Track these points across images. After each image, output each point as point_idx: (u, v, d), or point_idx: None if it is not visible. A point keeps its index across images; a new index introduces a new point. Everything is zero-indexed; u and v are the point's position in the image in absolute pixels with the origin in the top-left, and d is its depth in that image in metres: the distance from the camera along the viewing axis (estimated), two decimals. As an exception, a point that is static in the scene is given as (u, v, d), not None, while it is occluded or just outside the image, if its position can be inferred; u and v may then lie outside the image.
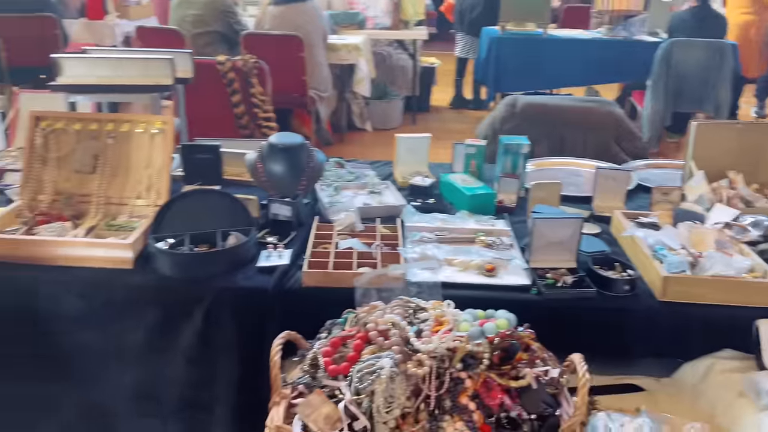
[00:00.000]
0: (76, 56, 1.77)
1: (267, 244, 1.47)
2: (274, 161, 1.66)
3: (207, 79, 3.15)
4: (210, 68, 3.41)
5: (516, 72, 5.54)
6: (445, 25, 7.64)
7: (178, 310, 1.34)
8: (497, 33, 5.51)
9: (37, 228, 1.44)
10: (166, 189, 1.55)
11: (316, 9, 5.07)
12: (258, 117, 3.40)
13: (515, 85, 5.62)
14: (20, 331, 1.37)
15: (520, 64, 5.49)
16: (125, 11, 6.45)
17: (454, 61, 6.95)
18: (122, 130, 1.58)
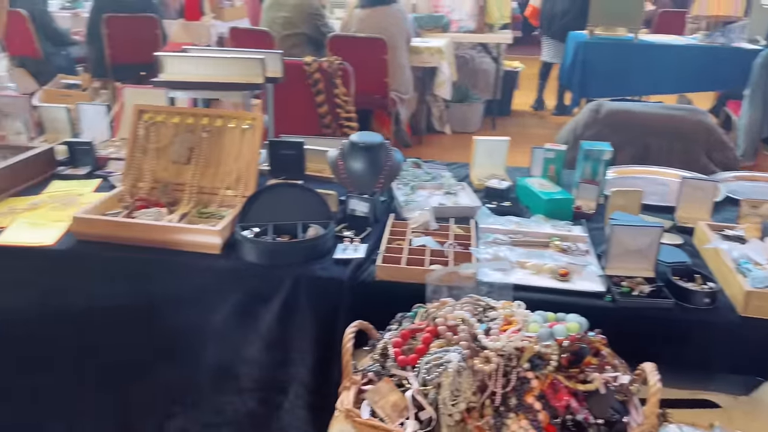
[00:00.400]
0: (177, 55, 1.90)
1: (344, 237, 1.53)
2: (354, 159, 1.72)
3: (294, 79, 3.28)
4: (297, 68, 3.54)
5: (603, 77, 5.40)
6: (529, 29, 7.54)
7: (259, 294, 1.42)
8: (585, 37, 5.38)
9: (136, 212, 1.56)
10: (253, 181, 1.64)
11: (401, 12, 5.14)
12: (340, 117, 3.49)
13: (601, 91, 5.47)
14: (114, 303, 1.49)
15: (608, 70, 5.34)
16: (220, 12, 6.77)
17: (538, 65, 6.83)
18: (216, 125, 1.68)
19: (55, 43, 5.94)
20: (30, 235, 1.50)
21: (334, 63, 3.47)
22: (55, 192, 1.77)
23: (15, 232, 1.52)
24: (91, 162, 1.94)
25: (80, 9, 6.90)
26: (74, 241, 1.50)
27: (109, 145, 2.11)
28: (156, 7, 5.83)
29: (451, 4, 6.20)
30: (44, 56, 5.84)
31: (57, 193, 1.76)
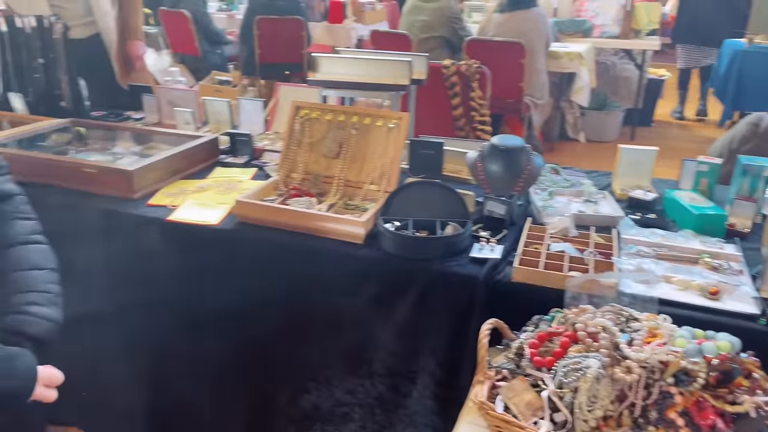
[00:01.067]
0: (330, 56, 2.02)
1: (480, 237, 1.56)
2: (493, 161, 1.75)
3: (431, 81, 3.34)
4: (435, 71, 3.61)
5: (760, 90, 4.97)
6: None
7: (396, 285, 1.49)
8: (742, 46, 4.99)
9: (290, 200, 1.69)
10: (395, 178, 1.72)
11: (541, 16, 5.06)
12: (474, 120, 3.51)
13: (758, 105, 5.05)
14: (264, 282, 1.62)
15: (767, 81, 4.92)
16: (361, 16, 7.02)
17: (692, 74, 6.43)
18: (364, 123, 1.78)
19: (212, 42, 6.47)
20: (198, 214, 1.68)
21: (472, 66, 3.50)
22: (219, 177, 1.95)
23: (186, 210, 1.70)
24: (249, 152, 2.12)
25: (234, 11, 7.46)
26: (235, 222, 1.66)
27: (264, 138, 2.29)
28: (303, 10, 6.17)
29: (596, 9, 5.99)
30: (202, 54, 6.38)
31: (220, 178, 1.94)
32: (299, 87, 2.39)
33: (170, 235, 1.68)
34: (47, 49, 2.47)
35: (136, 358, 1.86)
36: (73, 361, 1.32)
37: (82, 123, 2.27)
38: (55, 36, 2.42)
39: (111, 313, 1.83)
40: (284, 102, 2.37)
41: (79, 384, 1.35)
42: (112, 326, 1.85)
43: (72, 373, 1.28)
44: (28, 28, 2.45)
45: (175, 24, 6.24)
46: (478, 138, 3.52)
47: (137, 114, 2.62)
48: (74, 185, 1.82)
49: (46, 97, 2.50)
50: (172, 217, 1.67)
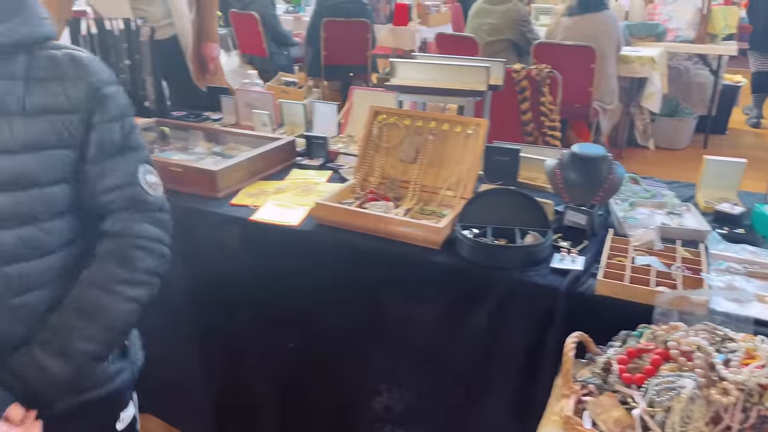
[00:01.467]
0: (407, 61, 2.03)
1: (560, 247, 1.54)
2: (573, 170, 1.72)
3: (501, 86, 3.33)
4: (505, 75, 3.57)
5: None
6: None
7: (474, 292, 1.49)
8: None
9: (367, 204, 1.72)
10: (472, 184, 1.72)
11: (612, 19, 4.94)
12: (544, 125, 3.46)
13: None
14: (341, 284, 1.65)
15: None
16: (425, 18, 7.02)
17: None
18: (442, 129, 1.79)
19: (279, 44, 6.60)
20: (279, 215, 1.73)
21: (543, 71, 3.45)
22: (296, 179, 2.00)
23: (267, 211, 1.75)
24: (324, 155, 2.16)
25: (301, 13, 7.60)
26: (314, 224, 1.69)
27: (338, 141, 2.32)
28: (370, 12, 6.23)
29: (670, 12, 5.80)
30: (269, 55, 6.52)
31: (297, 180, 1.99)
32: (373, 91, 2.41)
33: (251, 235, 1.73)
34: (133, 50, 2.58)
35: (212, 353, 1.93)
36: (151, 353, 1.38)
37: (165, 123, 2.37)
38: (141, 38, 2.53)
39: (190, 308, 1.91)
40: (358, 106, 2.40)
41: (156, 375, 1.42)
42: (191, 321, 1.92)
43: (151, 365, 1.35)
44: (117, 30, 2.57)
45: (245, 25, 6.41)
46: (547, 144, 3.47)
47: (215, 115, 2.71)
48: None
49: (132, 98, 2.60)
50: (254, 217, 1.72)
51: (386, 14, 7.11)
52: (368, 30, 6.08)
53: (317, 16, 6.15)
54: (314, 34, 6.18)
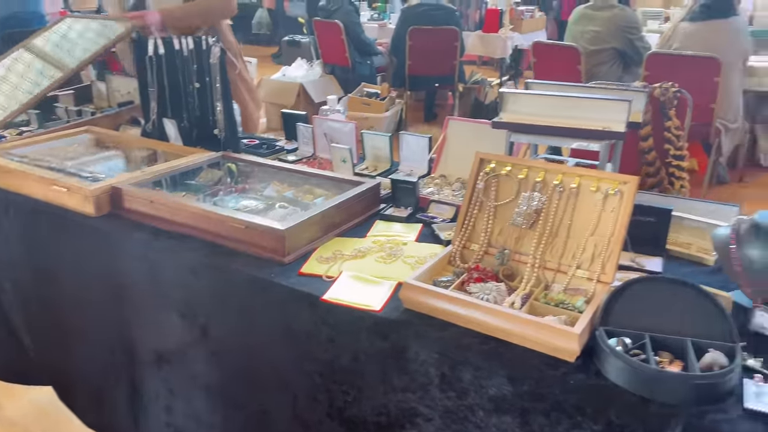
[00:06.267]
0: (522, 92, 1.63)
1: (752, 371, 1.09)
2: (755, 246, 1.26)
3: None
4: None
5: None
6: None
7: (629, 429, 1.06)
8: None
9: (470, 285, 1.32)
10: (614, 263, 1.29)
11: (741, 25, 4.31)
12: (668, 154, 2.95)
13: None
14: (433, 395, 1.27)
15: None
16: (518, 24, 6.55)
17: None
18: (572, 185, 1.37)
19: (362, 53, 6.32)
20: (358, 294, 1.36)
21: (670, 90, 2.92)
22: (379, 236, 1.64)
23: (343, 286, 1.39)
24: (413, 203, 1.79)
25: (386, 20, 7.29)
26: (401, 310, 1.32)
27: (429, 183, 1.94)
28: (458, 19, 5.84)
29: (804, 16, 5.06)
30: (351, 65, 6.25)
31: (380, 237, 1.62)
32: (471, 122, 2.02)
33: (323, 316, 1.37)
34: (203, 72, 2.31)
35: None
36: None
37: (233, 158, 2.07)
38: (212, 61, 2.25)
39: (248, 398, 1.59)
40: (453, 139, 2.01)
41: None
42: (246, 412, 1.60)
43: None
44: (186, 50, 2.30)
45: (328, 34, 6.17)
46: (672, 175, 2.95)
47: (290, 144, 2.40)
48: (219, 239, 1.59)
49: (200, 124, 2.35)
50: (328, 295, 1.37)
51: (476, 21, 6.69)
52: (456, 38, 5.69)
53: (403, 24, 5.82)
54: (399, 42, 5.85)
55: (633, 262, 1.47)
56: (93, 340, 1.94)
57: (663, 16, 6.09)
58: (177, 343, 1.70)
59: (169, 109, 2.32)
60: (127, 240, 1.69)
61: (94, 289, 1.83)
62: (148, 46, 2.23)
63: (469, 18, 6.70)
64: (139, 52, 2.27)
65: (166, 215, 1.69)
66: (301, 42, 7.61)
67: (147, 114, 2.30)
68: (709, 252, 1.51)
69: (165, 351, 1.76)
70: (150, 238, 1.67)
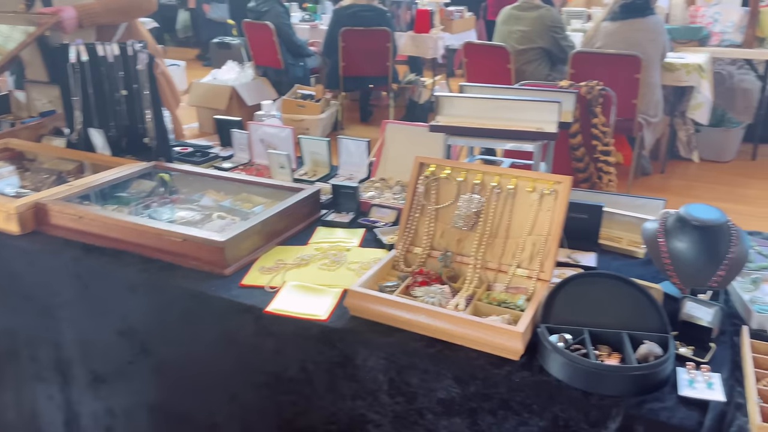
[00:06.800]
0: (456, 95, 1.65)
1: (684, 359, 1.15)
2: (681, 239, 1.33)
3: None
4: (549, 93, 3.17)
5: None
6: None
7: (571, 426, 1.10)
8: None
9: (414, 288, 1.33)
10: (552, 261, 1.33)
11: (658, 24, 4.53)
12: (596, 150, 3.07)
13: None
14: (382, 400, 1.27)
15: None
16: (449, 25, 6.64)
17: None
18: (508, 186, 1.40)
19: (295, 54, 6.26)
20: (303, 303, 1.35)
21: (595, 88, 3.04)
22: (322, 242, 1.63)
23: (287, 297, 1.38)
24: (354, 207, 1.79)
25: (318, 21, 7.24)
26: (347, 318, 1.31)
27: (370, 187, 1.94)
28: (390, 20, 5.86)
29: (714, 15, 5.37)
30: (284, 67, 6.18)
31: (323, 244, 1.61)
32: (408, 125, 2.03)
33: (267, 327, 1.35)
34: (131, 79, 2.23)
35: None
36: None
37: (165, 167, 2.01)
38: (139, 67, 2.18)
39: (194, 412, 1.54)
40: (391, 143, 2.02)
41: None
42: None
43: None
44: (111, 56, 2.21)
45: (259, 36, 6.07)
46: (600, 170, 3.07)
47: (225, 150, 2.35)
48: (156, 254, 1.54)
49: (129, 133, 2.26)
50: (272, 307, 1.34)
51: (407, 21, 6.73)
52: (389, 39, 5.71)
53: (335, 26, 5.80)
54: (332, 44, 5.83)
55: (569, 258, 1.52)
56: (24, 364, 1.83)
57: (586, 15, 6.31)
58: (116, 362, 1.64)
59: (96, 118, 2.23)
60: (56, 259, 1.61)
61: (23, 311, 1.73)
62: (70, 53, 2.14)
63: (400, 18, 6.74)
64: (60, 59, 2.17)
65: (96, 231, 1.62)
66: (231, 44, 7.46)
67: (71, 123, 2.20)
68: (639, 245, 1.58)
69: (104, 371, 1.69)
70: (81, 255, 1.59)
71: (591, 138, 3.07)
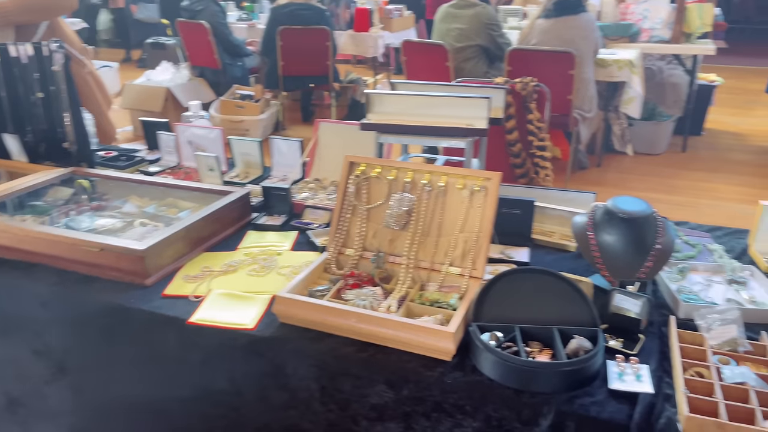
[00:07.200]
0: (387, 93, 1.62)
1: (614, 351, 1.15)
2: (609, 231, 1.34)
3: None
4: (485, 90, 3.19)
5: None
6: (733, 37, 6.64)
7: (504, 425, 1.08)
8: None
9: (346, 291, 1.29)
10: (484, 258, 1.31)
11: (590, 21, 4.63)
12: (532, 145, 3.10)
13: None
14: (315, 410, 1.23)
15: None
16: (388, 23, 6.63)
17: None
18: (439, 184, 1.37)
19: (232, 54, 6.13)
20: (228, 313, 1.29)
21: (529, 84, 3.07)
22: (252, 247, 1.56)
23: (212, 306, 1.31)
24: (287, 210, 1.73)
25: (255, 20, 7.11)
26: (276, 325, 1.26)
27: (303, 188, 1.89)
28: (328, 19, 5.80)
29: (643, 11, 5.54)
30: (222, 67, 6.03)
31: (253, 249, 1.55)
32: (341, 124, 1.99)
33: (193, 339, 1.28)
34: (47, 81, 2.10)
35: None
36: None
37: (85, 173, 1.90)
38: (55, 68, 2.05)
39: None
40: (325, 142, 1.97)
41: None
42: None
43: None
44: (25, 57, 2.08)
45: (194, 36, 5.90)
46: (537, 165, 3.11)
47: (152, 154, 2.25)
48: (71, 266, 1.44)
49: (48, 138, 2.13)
50: (196, 317, 1.28)
51: (346, 20, 6.68)
52: (328, 38, 5.65)
53: (272, 24, 5.69)
54: (270, 43, 5.72)
55: (503, 255, 1.51)
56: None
57: (521, 12, 6.41)
58: (33, 383, 1.53)
59: (10, 123, 2.09)
60: (-39, 274, 1.50)
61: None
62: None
63: (339, 17, 6.68)
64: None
65: (7, 243, 1.51)
66: (166, 44, 7.23)
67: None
68: (570, 239, 1.58)
69: (19, 393, 1.58)
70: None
71: (527, 134, 3.10)
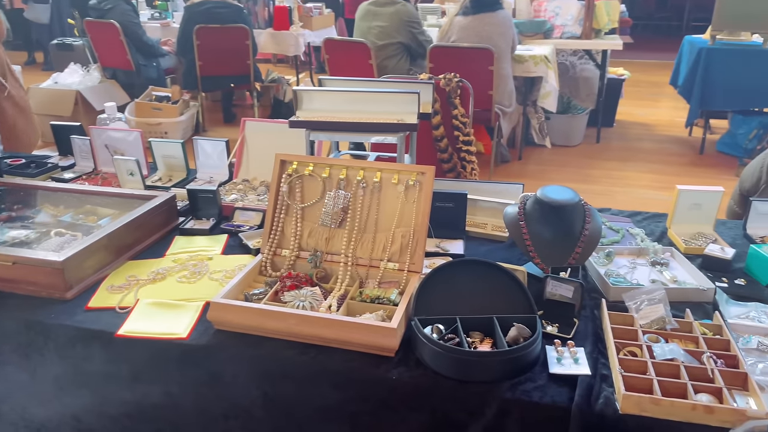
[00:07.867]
0: (316, 89, 1.59)
1: (551, 336, 1.18)
2: (540, 221, 1.37)
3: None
4: (409, 87, 3.21)
5: (727, 88, 4.91)
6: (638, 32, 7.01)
7: (449, 418, 1.08)
8: (705, 43, 4.91)
9: (284, 294, 1.26)
10: (421, 252, 1.31)
11: (507, 18, 4.75)
12: (458, 140, 3.15)
13: (725, 103, 5.04)
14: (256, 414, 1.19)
15: (733, 80, 4.86)
16: (308, 21, 6.56)
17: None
18: (373, 180, 1.36)
19: (146, 55, 5.88)
20: (159, 323, 1.22)
21: (453, 81, 3.12)
22: (180, 253, 1.50)
23: (141, 317, 1.24)
24: (216, 213, 1.67)
25: (169, 19, 6.86)
26: (211, 333, 1.21)
27: (232, 189, 1.83)
28: (246, 17, 5.67)
29: (555, 9, 5.76)
30: (135, 68, 5.78)
31: (182, 255, 1.49)
32: (268, 122, 1.94)
33: (121, 354, 1.21)
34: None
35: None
36: None
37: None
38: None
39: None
40: (252, 141, 1.92)
41: None
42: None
43: None
44: None
45: (103, 36, 5.62)
46: (464, 160, 3.16)
47: (65, 160, 2.12)
48: (-19, 282, 1.33)
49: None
50: (124, 330, 1.21)
51: (265, 18, 6.55)
52: (247, 36, 5.52)
53: (188, 23, 5.50)
54: (186, 43, 5.53)
55: (438, 248, 1.52)
56: None
57: (440, 10, 6.50)
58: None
59: None
60: None
61: None
62: None
63: (258, 15, 6.55)
64: None
65: None
66: (74, 45, 6.85)
67: None
68: (503, 229, 1.62)
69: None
70: None
71: (452, 129, 3.15)
